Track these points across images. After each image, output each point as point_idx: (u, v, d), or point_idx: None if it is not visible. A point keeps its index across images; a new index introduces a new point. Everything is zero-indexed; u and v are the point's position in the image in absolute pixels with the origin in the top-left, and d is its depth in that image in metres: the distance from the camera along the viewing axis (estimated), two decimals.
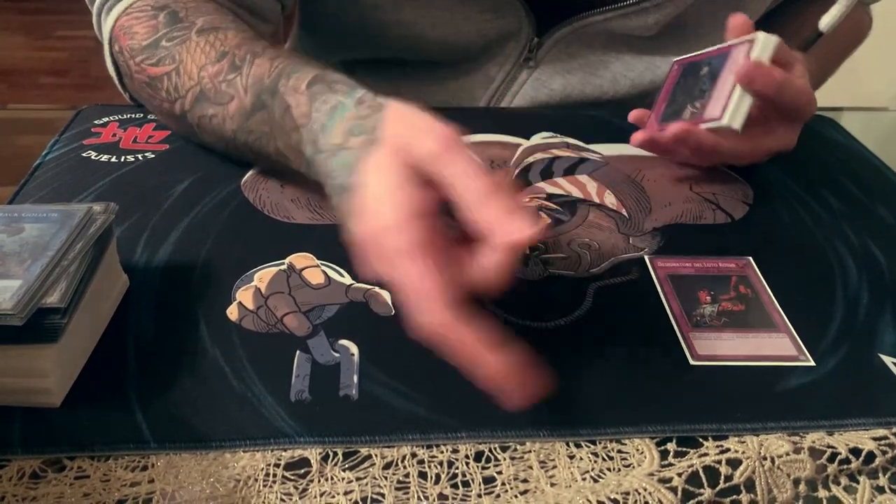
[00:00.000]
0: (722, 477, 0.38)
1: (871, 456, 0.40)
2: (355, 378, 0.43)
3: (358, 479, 0.38)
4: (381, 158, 0.39)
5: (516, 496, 0.37)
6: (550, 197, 0.59)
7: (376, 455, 0.39)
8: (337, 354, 0.44)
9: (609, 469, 0.39)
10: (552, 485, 0.38)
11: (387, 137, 0.40)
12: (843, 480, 0.39)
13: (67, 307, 0.39)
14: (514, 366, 0.35)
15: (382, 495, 0.37)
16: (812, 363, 0.45)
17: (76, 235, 0.42)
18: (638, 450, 0.40)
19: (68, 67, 2.86)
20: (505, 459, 0.39)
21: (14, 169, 0.59)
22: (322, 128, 0.45)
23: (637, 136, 0.61)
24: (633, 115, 0.64)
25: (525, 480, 0.38)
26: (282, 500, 0.37)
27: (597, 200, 0.59)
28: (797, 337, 0.47)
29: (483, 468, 0.39)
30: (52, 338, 0.39)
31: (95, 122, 0.66)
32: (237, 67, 0.53)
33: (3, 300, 0.37)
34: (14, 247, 0.41)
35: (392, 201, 0.37)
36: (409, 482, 0.38)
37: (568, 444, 0.40)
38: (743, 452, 0.39)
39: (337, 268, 0.50)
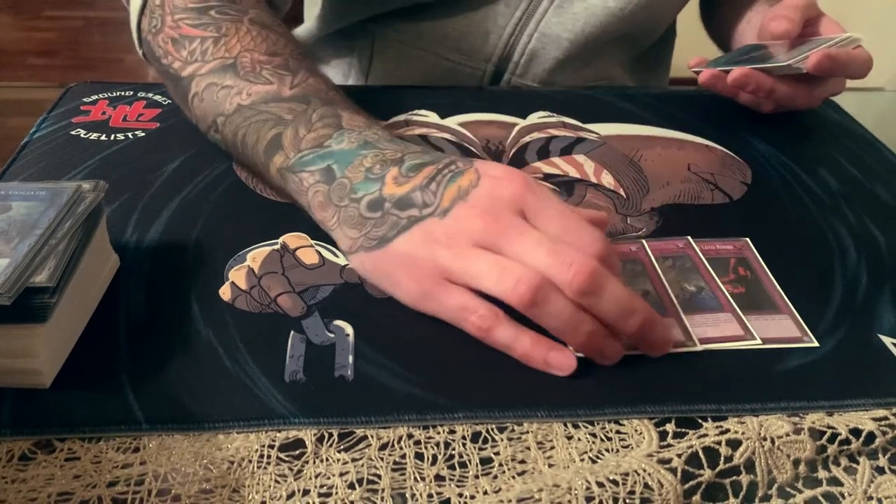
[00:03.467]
0: (722, 458, 0.38)
1: (871, 436, 0.39)
2: (350, 358, 0.42)
3: (353, 460, 0.37)
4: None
5: (514, 477, 0.37)
6: (547, 177, 0.59)
7: (372, 436, 0.38)
8: (332, 335, 0.43)
9: (607, 450, 0.38)
10: (550, 465, 0.37)
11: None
12: (843, 461, 0.39)
13: (56, 286, 0.39)
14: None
15: (378, 476, 0.36)
16: (816, 344, 0.44)
17: (65, 214, 0.41)
18: (636, 430, 0.39)
19: (57, 48, 2.83)
20: (502, 440, 0.38)
21: (3, 150, 0.58)
22: (402, 155, 0.46)
23: (704, 74, 0.66)
24: (694, 62, 0.69)
25: (523, 461, 0.38)
26: (276, 481, 0.36)
27: (594, 180, 0.59)
28: (799, 318, 0.46)
29: (480, 449, 0.38)
30: (41, 318, 0.38)
31: (84, 99, 0.65)
32: (290, 69, 0.53)
33: None
34: (1, 225, 0.40)
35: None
36: (406, 463, 0.37)
37: (566, 425, 0.39)
38: (743, 433, 0.39)
39: (331, 248, 0.50)
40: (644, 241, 0.52)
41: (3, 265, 0.37)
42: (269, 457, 0.37)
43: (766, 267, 0.50)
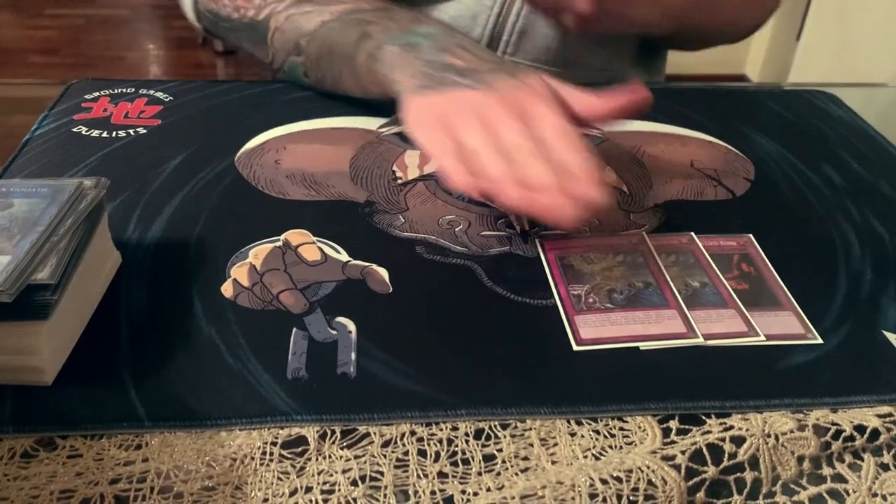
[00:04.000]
0: (726, 454, 0.38)
1: (875, 433, 0.39)
2: (353, 355, 0.42)
3: (356, 457, 0.37)
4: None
5: (517, 474, 0.37)
6: None
7: (375, 433, 0.38)
8: (334, 332, 0.43)
9: (611, 447, 0.38)
10: (553, 462, 0.37)
11: None
12: (848, 458, 0.39)
13: (58, 284, 0.39)
14: None
15: (381, 473, 0.36)
16: (819, 341, 0.44)
17: (66, 210, 0.41)
18: (640, 427, 0.39)
19: (58, 46, 2.83)
20: (505, 437, 0.38)
21: (4, 148, 0.58)
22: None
23: None
24: None
25: (526, 458, 0.37)
26: (279, 478, 0.36)
27: None
28: (803, 314, 0.46)
29: (483, 446, 0.38)
30: (43, 315, 0.38)
31: (86, 96, 0.65)
32: None
33: None
34: (3, 222, 0.40)
35: None
36: (409, 460, 0.37)
37: (569, 422, 0.39)
38: (747, 430, 0.39)
39: (333, 244, 0.49)
40: (645, 234, 0.52)
41: (5, 262, 0.37)
42: (271, 454, 0.37)
43: (769, 263, 0.50)
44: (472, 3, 0.74)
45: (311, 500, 0.35)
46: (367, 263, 0.48)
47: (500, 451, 0.38)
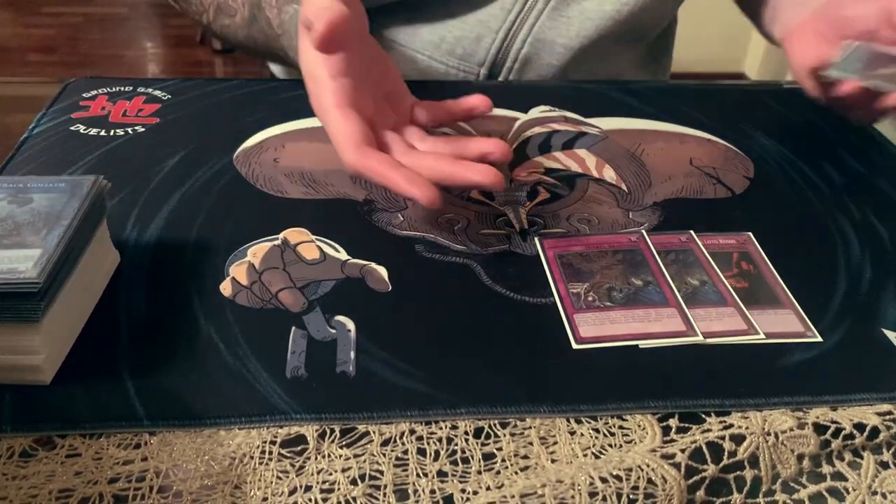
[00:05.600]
0: (725, 453, 0.38)
1: (875, 431, 0.39)
2: (352, 354, 0.42)
3: (356, 456, 0.37)
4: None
5: (516, 473, 0.37)
6: (549, 171, 0.58)
7: (374, 432, 0.38)
8: (333, 330, 0.43)
9: (610, 445, 0.38)
10: (553, 461, 0.37)
11: None
12: (847, 456, 0.39)
13: (49, 287, 0.38)
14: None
15: (381, 472, 0.36)
16: (819, 339, 0.44)
17: (88, 205, 0.42)
18: (640, 426, 0.39)
19: (56, 44, 2.82)
20: (505, 436, 0.38)
21: (2, 147, 0.58)
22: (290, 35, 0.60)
23: (848, 87, 0.59)
24: (817, 64, 0.62)
25: (525, 457, 0.37)
26: (278, 477, 0.36)
27: (596, 175, 0.58)
28: (803, 312, 0.46)
29: (483, 445, 0.38)
30: (33, 317, 0.38)
31: (84, 95, 0.65)
32: None
33: (27, 269, 0.37)
34: (27, 217, 0.40)
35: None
36: (408, 459, 0.37)
37: (569, 420, 0.39)
38: (746, 428, 0.39)
39: (332, 243, 0.49)
40: (644, 232, 0.52)
41: (37, 255, 0.38)
42: (270, 453, 0.37)
43: (768, 261, 0.50)
44: (476, 25, 0.74)
45: (310, 499, 0.35)
46: (366, 262, 0.48)
47: (499, 449, 0.38)
